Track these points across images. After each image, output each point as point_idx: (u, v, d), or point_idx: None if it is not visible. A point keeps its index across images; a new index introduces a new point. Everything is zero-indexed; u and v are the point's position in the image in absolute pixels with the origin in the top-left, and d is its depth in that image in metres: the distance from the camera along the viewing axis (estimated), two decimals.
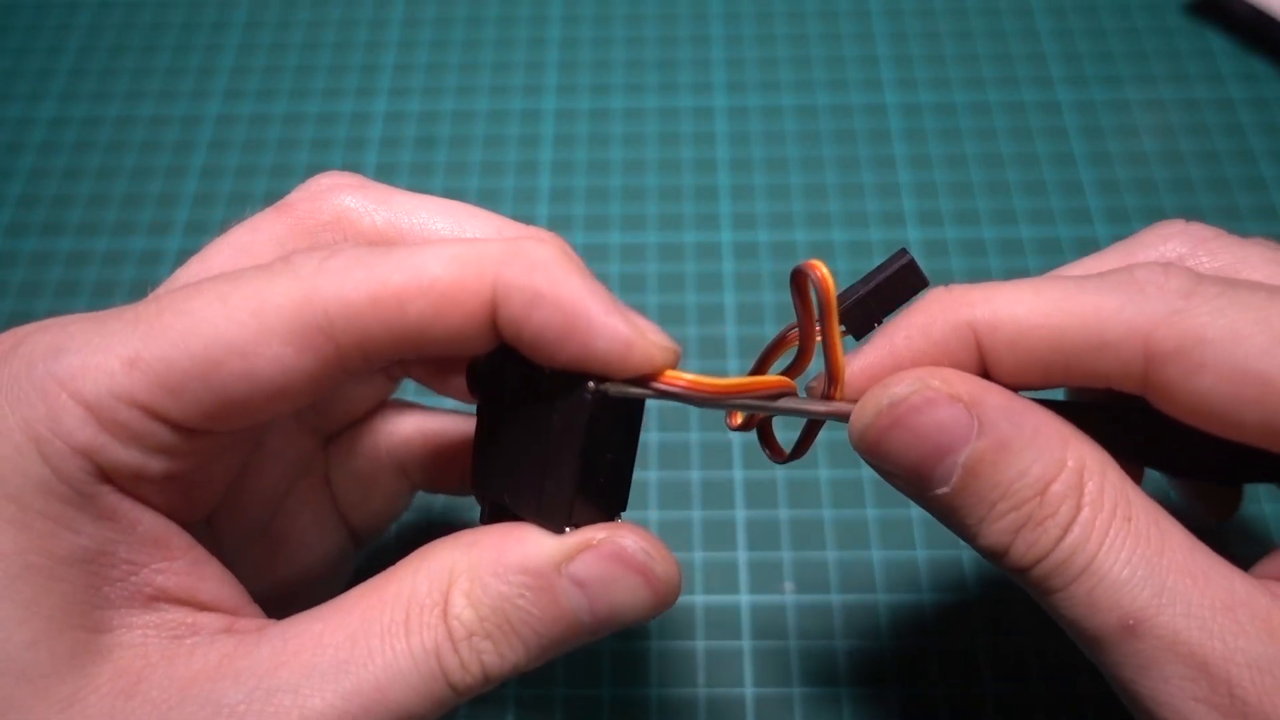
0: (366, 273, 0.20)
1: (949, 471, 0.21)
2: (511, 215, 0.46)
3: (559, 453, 0.22)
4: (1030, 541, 0.21)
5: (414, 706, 0.21)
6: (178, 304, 0.20)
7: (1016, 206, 0.45)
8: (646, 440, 0.39)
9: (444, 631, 0.21)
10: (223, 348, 0.20)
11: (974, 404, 0.21)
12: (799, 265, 0.22)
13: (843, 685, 0.33)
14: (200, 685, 0.20)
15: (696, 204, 0.46)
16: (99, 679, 0.20)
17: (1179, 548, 0.20)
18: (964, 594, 0.35)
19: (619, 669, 0.34)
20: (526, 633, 0.22)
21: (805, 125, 0.48)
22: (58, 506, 0.19)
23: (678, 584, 0.23)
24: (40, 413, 0.19)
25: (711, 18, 0.53)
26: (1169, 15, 0.51)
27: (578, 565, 0.22)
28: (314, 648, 0.21)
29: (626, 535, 0.22)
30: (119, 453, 0.20)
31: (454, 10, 0.53)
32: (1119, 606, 0.20)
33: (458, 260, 0.21)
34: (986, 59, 0.50)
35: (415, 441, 0.27)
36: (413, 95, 0.50)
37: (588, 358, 0.21)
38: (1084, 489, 0.21)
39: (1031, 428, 0.21)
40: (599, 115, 0.49)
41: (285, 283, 0.20)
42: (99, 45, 0.52)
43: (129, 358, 0.20)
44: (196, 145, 0.48)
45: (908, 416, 0.21)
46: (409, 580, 0.22)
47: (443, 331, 0.21)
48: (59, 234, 0.46)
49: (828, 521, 0.37)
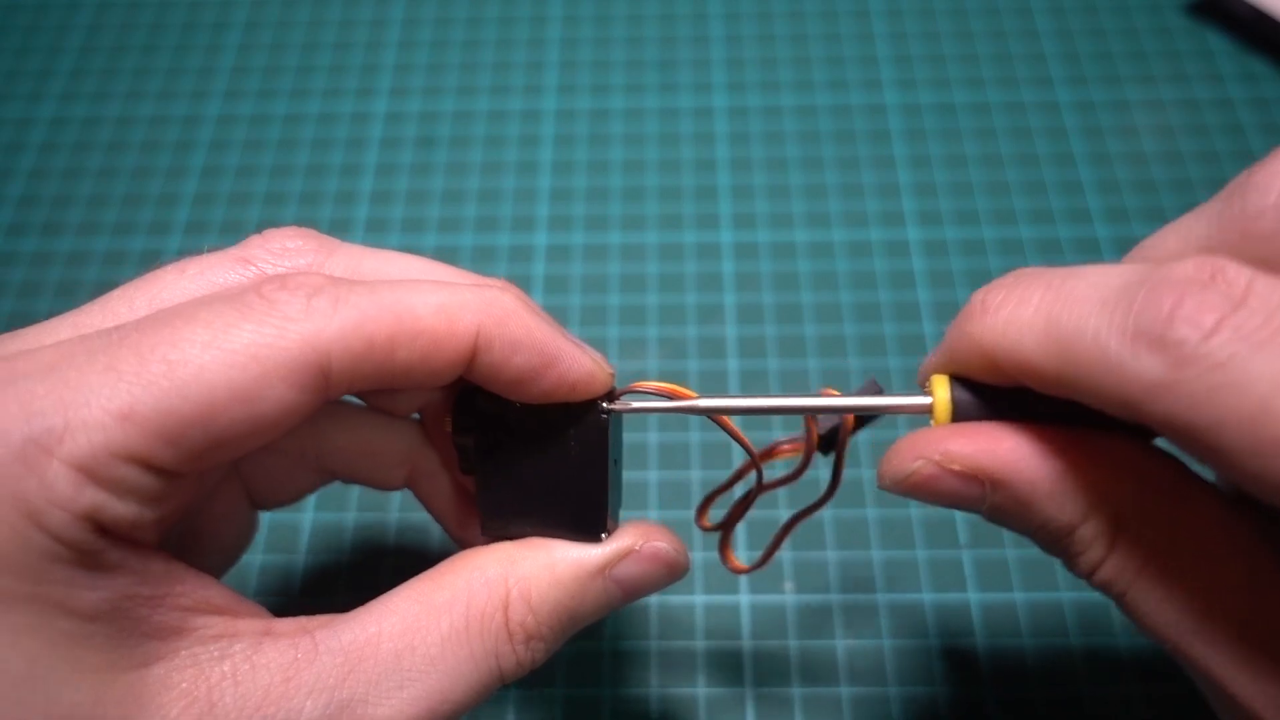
0: (358, 315, 0.21)
1: (982, 515, 0.23)
2: (511, 215, 0.47)
3: (585, 472, 0.25)
4: (1070, 568, 0.22)
5: (470, 702, 0.23)
6: (163, 350, 0.20)
7: (1016, 206, 0.45)
8: (646, 440, 0.39)
9: (505, 636, 0.23)
10: (226, 394, 0.20)
11: (981, 471, 0.22)
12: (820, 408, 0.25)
13: (843, 685, 0.33)
14: (274, 703, 0.21)
15: (696, 204, 0.46)
16: (172, 710, 0.20)
17: (1222, 585, 0.20)
18: (964, 594, 0.35)
19: (619, 669, 0.34)
20: (574, 627, 0.25)
21: (805, 125, 0.48)
22: (67, 571, 0.19)
23: (688, 563, 0.26)
24: (30, 485, 0.19)
25: (711, 18, 0.53)
26: (1169, 15, 0.51)
27: (622, 569, 0.25)
28: (374, 656, 0.22)
29: (658, 538, 0.25)
30: (116, 508, 0.20)
31: (454, 10, 0.53)
32: (1156, 632, 0.21)
33: (444, 311, 0.22)
34: (986, 59, 0.50)
35: (340, 440, 0.28)
36: (413, 95, 0.50)
37: (560, 390, 0.24)
38: (1118, 534, 0.21)
39: (1051, 478, 0.21)
40: (599, 115, 0.49)
41: (278, 324, 0.21)
42: (99, 45, 0.52)
43: (121, 411, 0.19)
44: (196, 145, 0.48)
45: (922, 486, 0.23)
46: (463, 589, 0.23)
47: (423, 372, 0.22)
48: (59, 234, 0.46)
49: (828, 521, 0.37)
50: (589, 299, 0.43)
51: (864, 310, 0.42)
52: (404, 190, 0.46)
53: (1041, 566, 0.35)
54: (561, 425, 0.25)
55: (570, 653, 0.34)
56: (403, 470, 0.28)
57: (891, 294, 0.42)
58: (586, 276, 0.43)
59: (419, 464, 0.28)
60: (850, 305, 0.42)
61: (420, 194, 0.46)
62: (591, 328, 0.42)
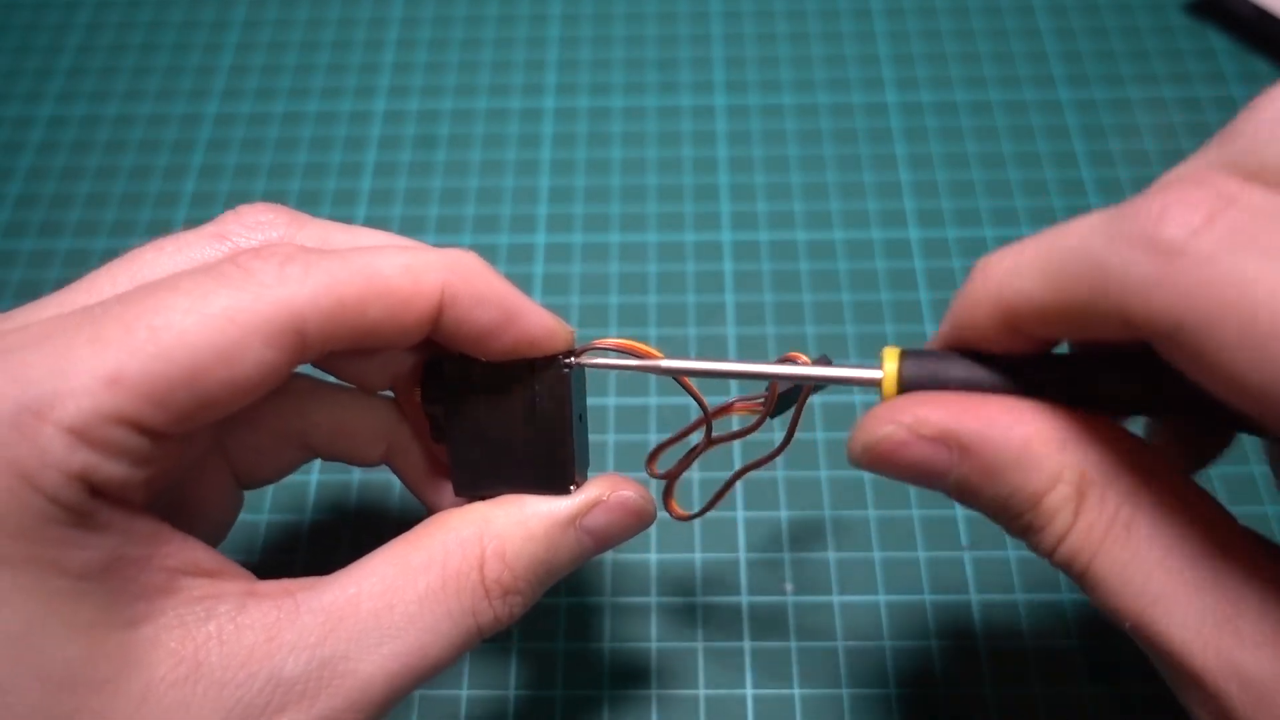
0: (328, 278, 0.22)
1: (947, 489, 0.23)
2: (511, 215, 0.47)
3: (550, 425, 0.26)
4: (1034, 545, 0.22)
5: (450, 658, 0.24)
6: (146, 317, 0.21)
7: (1017, 206, 0.45)
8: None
9: (481, 593, 0.24)
10: (209, 355, 0.21)
11: (948, 437, 0.22)
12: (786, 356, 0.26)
13: (843, 686, 0.33)
14: (258, 661, 0.22)
15: (696, 203, 0.46)
16: (160, 669, 0.21)
17: (1185, 554, 0.20)
18: (965, 595, 0.35)
19: (619, 668, 0.34)
20: (549, 579, 0.26)
21: (805, 124, 0.48)
22: (61, 531, 0.20)
23: (655, 510, 0.27)
24: (25, 449, 0.19)
25: (711, 17, 0.53)
26: (1170, 14, 0.51)
27: (591, 518, 0.26)
28: (354, 615, 0.23)
29: (625, 487, 0.26)
30: (108, 468, 0.20)
31: (453, 10, 0.53)
32: (1118, 609, 0.20)
33: (410, 270, 0.23)
34: (987, 58, 0.50)
35: (320, 417, 0.28)
36: (412, 95, 0.50)
37: (523, 344, 0.25)
38: (1084, 498, 0.21)
39: (1019, 444, 0.21)
40: (599, 114, 0.49)
41: (254, 289, 0.22)
42: (98, 44, 0.52)
43: (109, 376, 0.20)
44: (195, 145, 0.48)
45: (889, 456, 0.23)
46: (438, 549, 0.24)
47: (392, 329, 0.23)
48: (58, 234, 0.45)
49: (828, 521, 0.37)
50: (589, 299, 0.43)
51: (864, 310, 0.42)
52: (403, 189, 0.46)
53: (1042, 566, 0.35)
54: (526, 384, 0.26)
55: (570, 653, 0.34)
56: (379, 446, 0.29)
57: (892, 294, 0.42)
58: (586, 276, 0.43)
59: (394, 439, 0.29)
60: (850, 305, 0.42)
61: (420, 193, 0.46)
62: (591, 328, 0.42)
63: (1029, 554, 0.35)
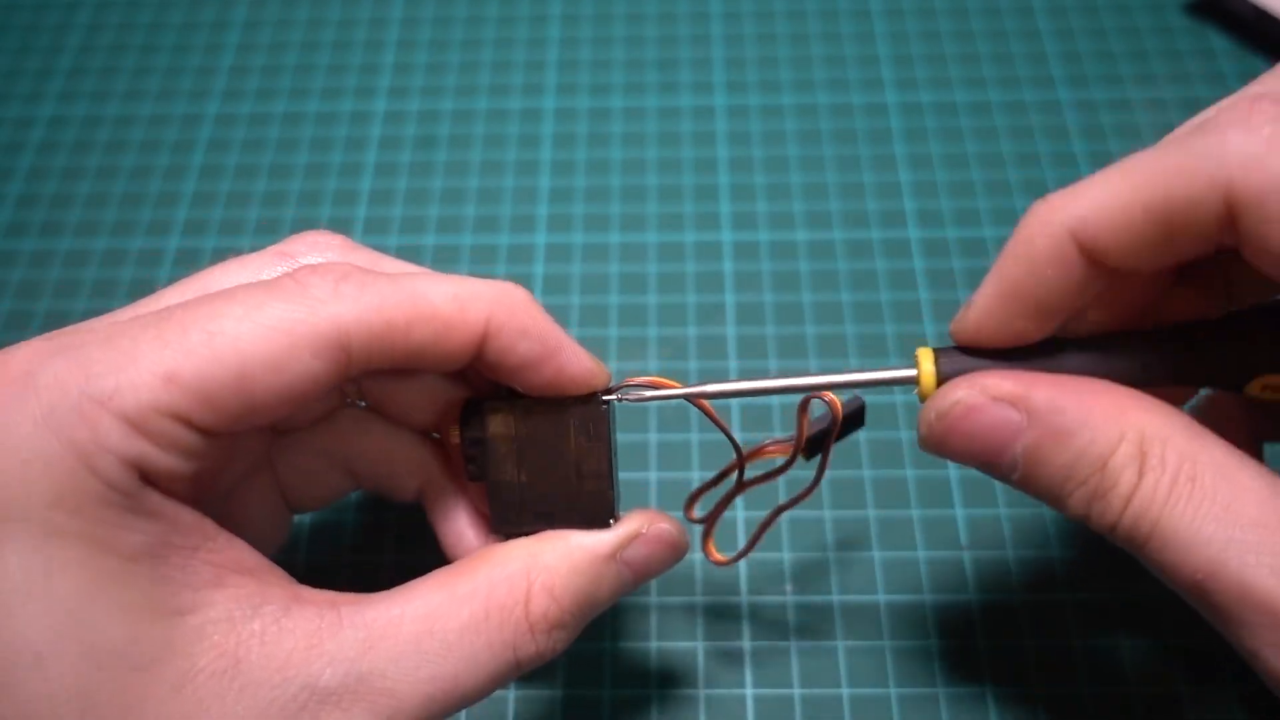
0: (379, 299, 0.24)
1: (1013, 462, 0.24)
2: (511, 215, 0.47)
3: (590, 461, 0.27)
4: (1101, 511, 0.23)
5: (484, 689, 0.24)
6: (203, 322, 0.22)
7: (1018, 206, 0.45)
8: (646, 440, 0.39)
9: (525, 628, 0.25)
10: (258, 362, 0.22)
11: (1020, 400, 0.23)
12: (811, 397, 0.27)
13: (843, 686, 0.33)
14: (296, 666, 0.22)
15: (696, 204, 0.46)
16: (201, 659, 0.22)
17: (1251, 499, 0.21)
18: (965, 594, 0.35)
19: (619, 669, 0.34)
20: (592, 613, 0.26)
21: (805, 125, 0.48)
22: (114, 513, 0.21)
23: (689, 543, 0.28)
24: (84, 434, 0.21)
25: (711, 17, 0.53)
26: (1169, 14, 0.51)
27: (631, 551, 0.27)
28: (395, 636, 0.23)
29: (660, 520, 0.27)
30: (159, 458, 0.22)
31: (453, 10, 0.53)
32: (1188, 563, 0.21)
33: (457, 298, 0.25)
34: (987, 58, 0.50)
35: (365, 446, 0.30)
36: (412, 95, 0.50)
37: (562, 379, 0.26)
38: (1146, 457, 0.22)
39: (1084, 410, 0.23)
40: (599, 115, 0.49)
41: (309, 304, 0.23)
42: (98, 45, 0.52)
43: (166, 374, 0.22)
44: (195, 145, 0.48)
45: (959, 423, 0.24)
46: (484, 581, 0.25)
47: (436, 353, 0.25)
48: (58, 234, 0.45)
49: (827, 521, 0.37)
50: (589, 299, 0.43)
51: (864, 310, 0.42)
52: (403, 189, 0.46)
53: (1042, 566, 0.35)
54: (564, 422, 0.27)
55: (570, 652, 0.34)
56: (415, 481, 0.30)
57: (892, 294, 0.42)
58: (586, 276, 0.43)
59: (430, 476, 0.30)
60: (850, 305, 0.42)
61: (420, 193, 0.46)
62: (591, 328, 0.42)
63: (1029, 554, 0.36)
